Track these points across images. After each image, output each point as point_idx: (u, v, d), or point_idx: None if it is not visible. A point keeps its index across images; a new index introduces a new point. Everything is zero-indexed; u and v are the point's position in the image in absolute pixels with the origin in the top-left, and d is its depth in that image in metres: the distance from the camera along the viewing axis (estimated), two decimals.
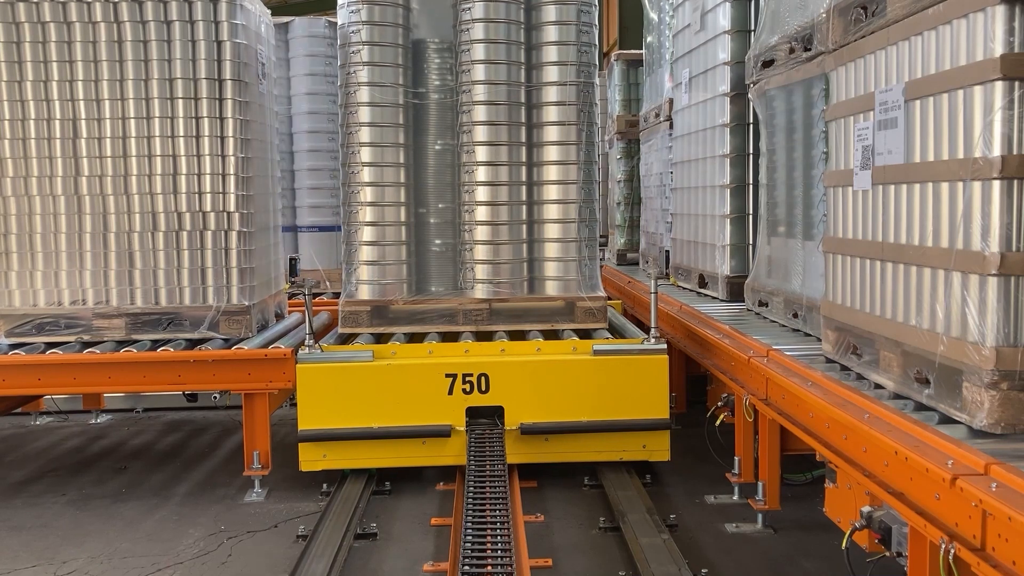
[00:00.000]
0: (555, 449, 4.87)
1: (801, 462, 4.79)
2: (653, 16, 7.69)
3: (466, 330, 5.16)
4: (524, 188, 5.23)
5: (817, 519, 3.87)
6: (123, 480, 5.23)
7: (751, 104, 5.31)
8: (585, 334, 5.16)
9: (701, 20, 6.01)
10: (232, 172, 4.95)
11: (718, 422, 4.69)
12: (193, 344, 4.95)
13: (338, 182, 5.99)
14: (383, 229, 5.17)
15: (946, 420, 2.85)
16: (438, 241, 5.34)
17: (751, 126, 5.58)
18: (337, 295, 6.18)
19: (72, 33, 4.87)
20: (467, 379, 4.80)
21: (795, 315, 4.55)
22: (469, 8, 5.10)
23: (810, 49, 4.14)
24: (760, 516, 4.33)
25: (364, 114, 5.09)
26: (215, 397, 5.89)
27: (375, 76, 5.09)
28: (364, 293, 5.18)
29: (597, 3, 5.37)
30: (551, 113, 5.22)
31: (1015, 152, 2.58)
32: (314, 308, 6.21)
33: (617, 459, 4.91)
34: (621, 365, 4.84)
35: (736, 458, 4.52)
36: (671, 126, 6.93)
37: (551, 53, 5.21)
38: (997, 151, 2.59)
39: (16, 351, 4.87)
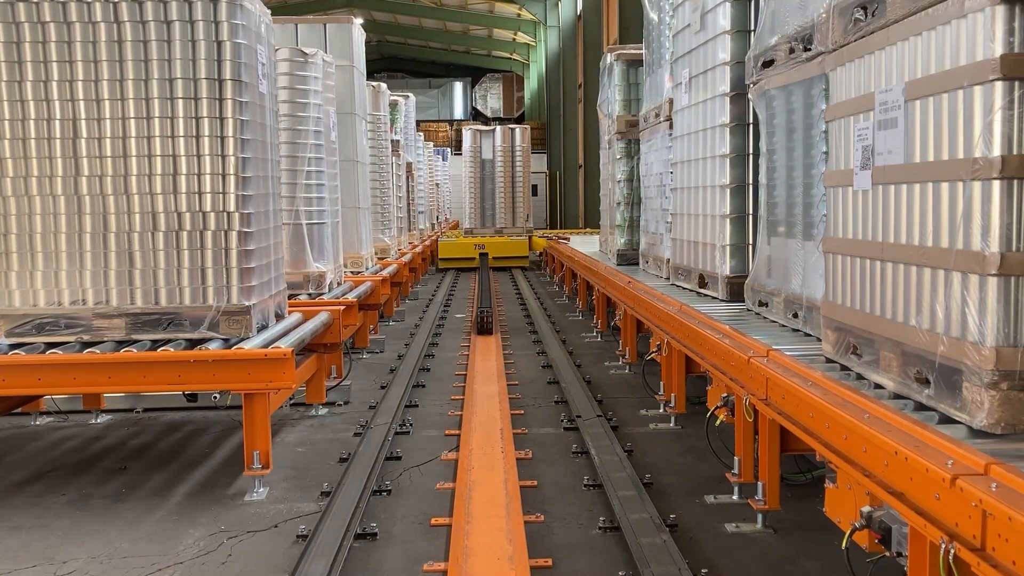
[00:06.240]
0: (501, 264, 19.94)
1: (801, 462, 4.80)
2: (653, 16, 7.70)
3: (487, 237, 20.55)
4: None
5: (817, 519, 3.87)
6: (123, 480, 5.23)
7: (751, 104, 5.31)
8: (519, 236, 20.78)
9: (701, 20, 6.01)
10: (232, 172, 4.95)
11: (718, 422, 4.69)
12: (193, 344, 4.95)
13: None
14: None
15: (946, 420, 2.85)
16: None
17: (751, 126, 5.58)
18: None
19: (72, 33, 4.87)
20: (480, 247, 19.71)
21: (795, 315, 4.55)
22: None
23: (810, 49, 4.14)
24: (760, 516, 4.33)
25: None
26: (215, 397, 5.89)
27: None
28: (464, 225, 21.33)
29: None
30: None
31: (1015, 152, 2.58)
32: (313, 309, 6.31)
33: (515, 266, 20.16)
34: (521, 241, 20.48)
35: (736, 458, 4.52)
36: (671, 126, 6.93)
37: None
38: (997, 151, 2.59)
39: (16, 351, 4.87)
